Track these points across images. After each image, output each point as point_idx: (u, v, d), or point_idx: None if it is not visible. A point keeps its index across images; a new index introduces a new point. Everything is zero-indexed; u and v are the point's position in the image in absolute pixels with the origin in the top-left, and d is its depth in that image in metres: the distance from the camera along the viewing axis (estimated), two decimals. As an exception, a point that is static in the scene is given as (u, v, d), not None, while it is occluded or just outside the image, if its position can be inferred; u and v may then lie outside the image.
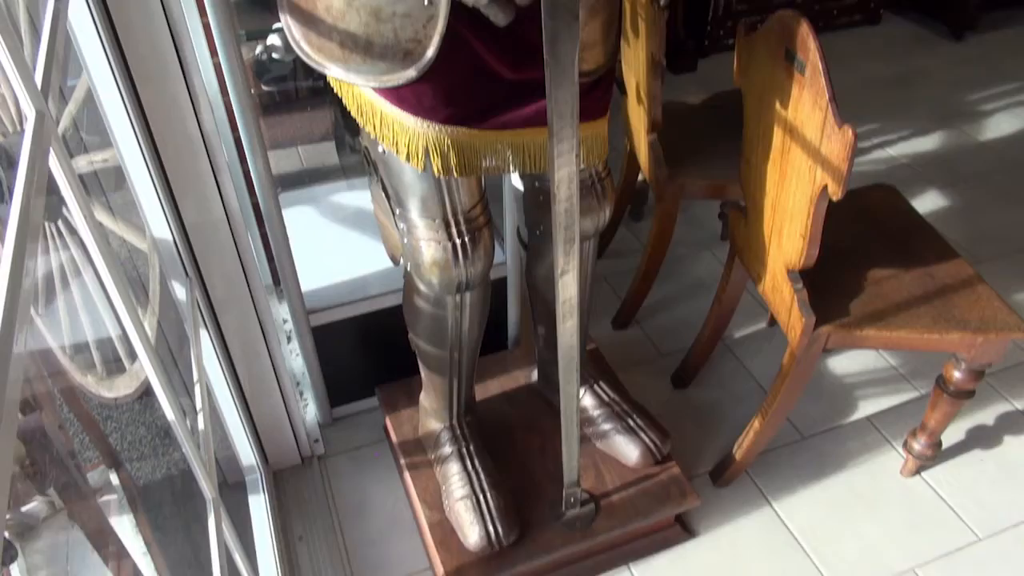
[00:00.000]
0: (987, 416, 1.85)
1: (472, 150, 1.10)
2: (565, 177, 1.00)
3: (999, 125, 2.88)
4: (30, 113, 0.64)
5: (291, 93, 2.24)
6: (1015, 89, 3.08)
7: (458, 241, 1.20)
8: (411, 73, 1.01)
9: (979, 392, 1.55)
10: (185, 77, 1.28)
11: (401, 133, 1.07)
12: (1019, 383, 1.92)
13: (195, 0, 1.66)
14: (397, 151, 1.09)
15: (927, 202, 2.50)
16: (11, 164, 1.52)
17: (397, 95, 1.04)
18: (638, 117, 1.84)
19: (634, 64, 1.78)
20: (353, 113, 1.11)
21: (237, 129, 1.71)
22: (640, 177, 2.06)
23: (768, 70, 1.31)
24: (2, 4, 0.82)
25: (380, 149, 1.13)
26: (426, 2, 0.95)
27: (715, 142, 1.88)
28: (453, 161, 1.09)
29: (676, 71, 3.18)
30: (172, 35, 1.23)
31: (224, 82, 1.62)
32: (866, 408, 1.87)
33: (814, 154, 1.21)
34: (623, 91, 1.93)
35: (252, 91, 1.53)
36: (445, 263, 1.21)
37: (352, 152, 2.18)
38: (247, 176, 1.84)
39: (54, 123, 0.69)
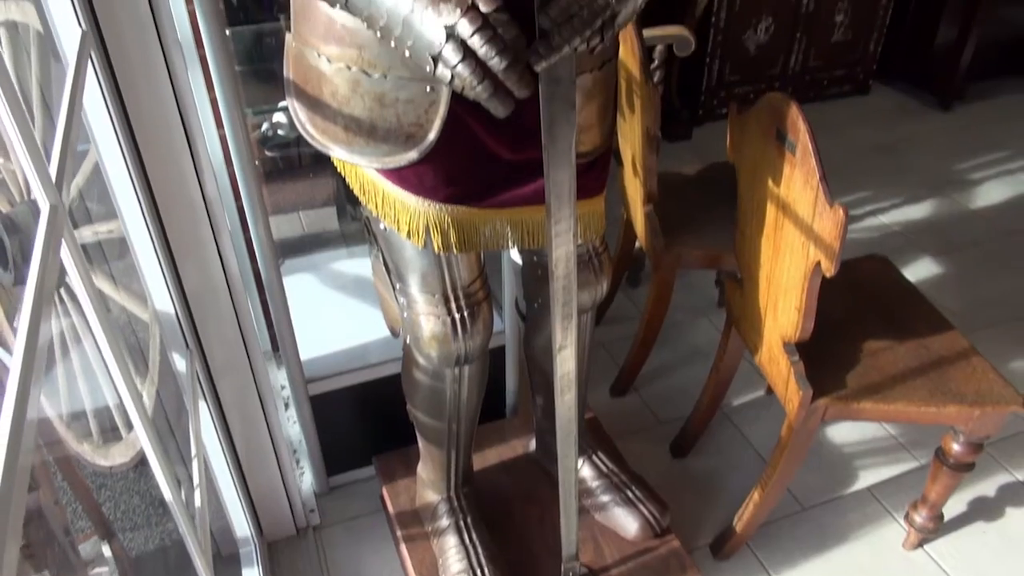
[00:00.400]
0: (988, 487, 1.83)
1: (472, 227, 1.13)
2: (563, 256, 1.02)
3: (989, 193, 2.94)
4: (44, 206, 0.66)
5: (294, 160, 2.28)
6: (1004, 157, 3.15)
7: (457, 316, 1.21)
8: (413, 155, 1.03)
9: (980, 463, 1.55)
10: (191, 148, 1.32)
11: (402, 211, 1.09)
12: (1020, 453, 1.91)
13: (203, 76, 1.71)
14: (398, 228, 1.11)
15: (920, 270, 2.53)
16: (16, 231, 1.55)
17: (399, 175, 1.07)
18: (634, 188, 1.88)
19: (630, 137, 1.82)
20: (356, 191, 1.13)
21: (240, 197, 1.74)
22: (637, 244, 2.09)
23: (760, 148, 1.35)
24: (16, 88, 0.85)
25: (381, 226, 1.16)
26: (428, 89, 0.98)
27: (710, 212, 1.92)
28: (453, 238, 1.11)
29: (671, 139, 3.25)
30: (179, 109, 1.27)
31: (229, 153, 1.66)
32: (866, 478, 1.86)
33: (806, 231, 1.24)
34: (620, 162, 1.97)
35: (256, 161, 1.57)
36: (444, 337, 1.22)
37: (353, 220, 2.21)
38: (248, 243, 1.87)
39: (67, 215, 0.71)
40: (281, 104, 1.59)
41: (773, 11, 3.22)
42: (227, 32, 1.45)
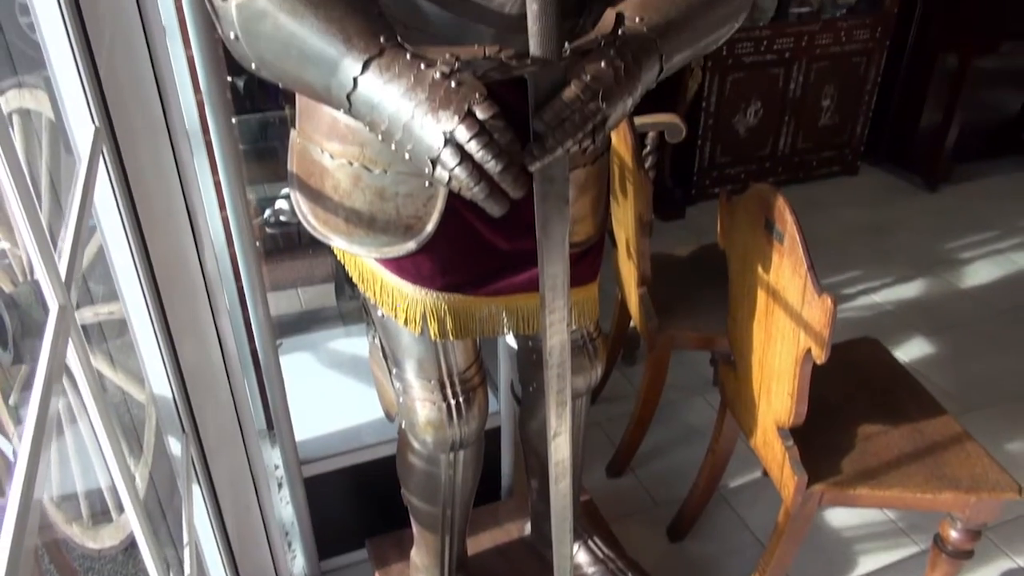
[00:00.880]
0: (990, 573, 1.81)
1: (468, 315, 1.15)
2: (557, 345, 1.04)
3: (978, 272, 2.98)
4: (53, 305, 0.68)
5: (293, 236, 2.32)
6: (991, 238, 3.21)
7: (453, 402, 1.22)
8: (411, 246, 1.06)
9: (980, 548, 1.53)
10: (193, 229, 1.35)
11: (400, 299, 1.12)
12: (1021, 539, 1.89)
13: (208, 160, 1.76)
14: (395, 316, 1.13)
15: (913, 349, 2.55)
16: (16, 310, 1.57)
17: (397, 265, 1.09)
18: (628, 270, 1.91)
19: (624, 221, 1.86)
20: (354, 279, 1.16)
21: (240, 277, 1.77)
22: (632, 323, 2.11)
23: (749, 235, 1.38)
24: (27, 175, 0.88)
25: (379, 313, 1.18)
26: (427, 183, 1.02)
27: (704, 294, 1.95)
28: (449, 325, 1.13)
29: (665, 218, 3.31)
30: (184, 193, 1.31)
31: (230, 234, 1.70)
32: (866, 564, 1.83)
33: (796, 318, 1.26)
34: (614, 243, 2.01)
35: (257, 242, 1.60)
36: (439, 423, 1.23)
37: (351, 298, 2.24)
38: (247, 322, 1.88)
39: (74, 314, 0.73)
40: (283, 191, 1.63)
41: (761, 96, 3.33)
42: (233, 120, 1.51)
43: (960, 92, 3.41)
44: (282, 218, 1.61)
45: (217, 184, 1.75)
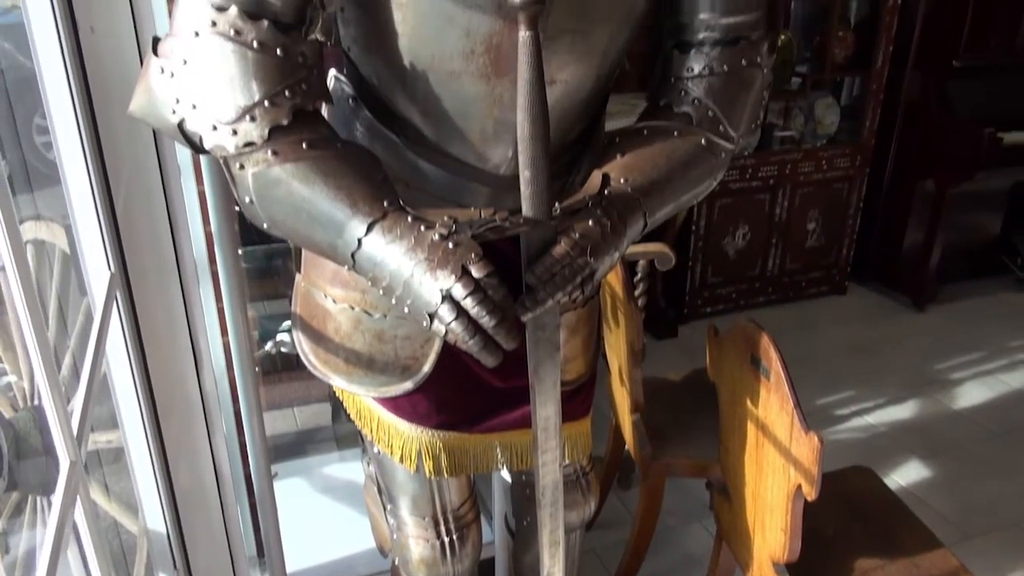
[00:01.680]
0: None
1: (462, 452, 1.17)
2: (550, 484, 1.06)
3: (970, 394, 3.01)
4: (64, 461, 0.71)
5: (291, 358, 2.35)
6: (981, 358, 3.26)
7: (446, 539, 1.22)
8: (408, 385, 1.10)
9: None
10: (195, 354, 1.38)
11: (396, 437, 1.14)
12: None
13: (212, 286, 1.82)
14: (391, 453, 1.16)
15: (910, 473, 2.54)
16: (14, 437, 1.58)
17: (394, 403, 1.13)
18: (622, 396, 1.94)
19: (616, 347, 1.91)
20: (352, 416, 1.19)
21: (237, 400, 1.79)
22: (626, 447, 2.12)
23: (737, 369, 1.42)
24: (40, 308, 0.92)
25: (375, 450, 1.20)
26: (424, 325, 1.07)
27: (698, 420, 1.96)
28: (444, 463, 1.16)
29: (658, 337, 3.37)
30: (188, 320, 1.35)
31: (231, 357, 1.73)
32: None
33: (786, 454, 1.28)
34: (607, 369, 2.05)
35: (256, 368, 1.63)
36: (433, 561, 1.22)
37: (348, 420, 2.25)
38: (242, 445, 1.89)
39: (84, 469, 0.76)
40: (285, 325, 1.68)
41: (748, 220, 3.45)
42: (240, 251, 1.57)
43: (940, 216, 3.54)
44: (283, 349, 1.65)
45: (220, 311, 1.80)
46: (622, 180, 0.99)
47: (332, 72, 1.07)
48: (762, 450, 1.38)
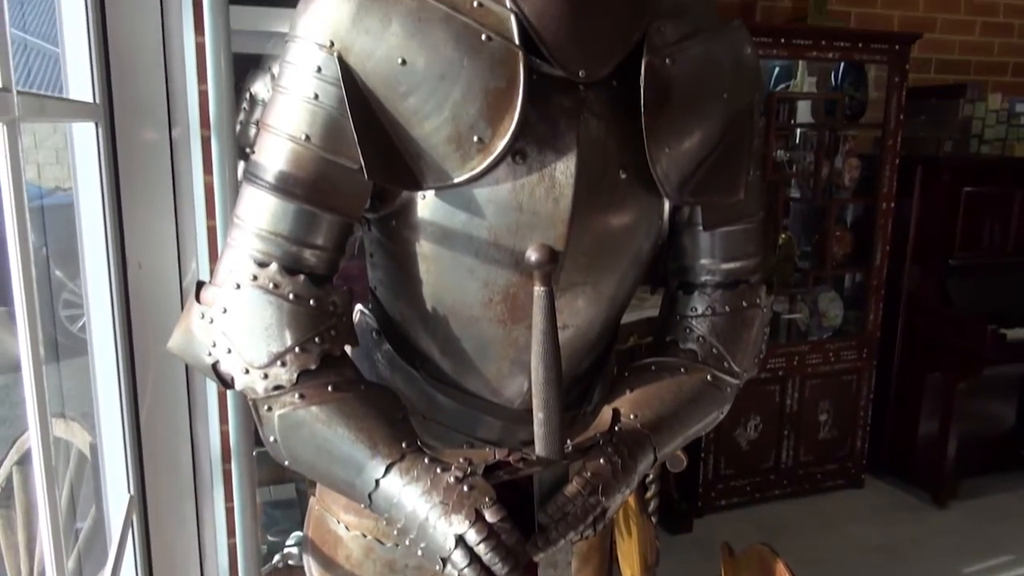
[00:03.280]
0: None
1: None
2: None
3: (1002, 602, 2.86)
4: None
5: (299, 570, 2.30)
6: (1009, 563, 3.12)
7: None
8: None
9: None
10: (201, 561, 1.36)
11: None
12: None
13: (223, 487, 1.82)
14: None
15: None
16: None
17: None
18: (635, 610, 1.87)
19: (628, 557, 1.86)
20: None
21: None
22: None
23: (754, 594, 1.38)
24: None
25: None
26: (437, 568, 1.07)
27: (714, 637, 1.87)
28: None
29: (672, 531, 3.27)
30: (198, 522, 1.35)
31: (235, 560, 1.70)
32: None
33: None
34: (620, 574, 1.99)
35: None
36: None
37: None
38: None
39: None
40: (294, 537, 1.68)
41: (760, 411, 3.45)
42: (254, 453, 1.59)
43: (952, 409, 3.53)
44: (290, 562, 1.63)
45: (230, 510, 1.80)
46: (632, 416, 1.02)
47: (358, 307, 1.14)
48: None
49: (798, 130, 3.60)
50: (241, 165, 1.53)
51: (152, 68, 1.65)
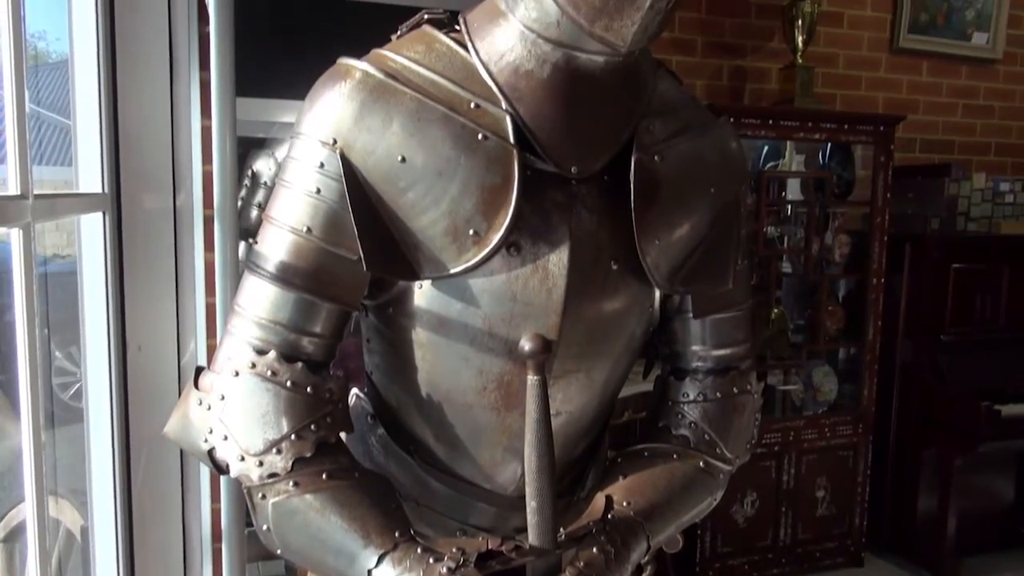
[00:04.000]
0: None
1: None
2: None
3: None
4: None
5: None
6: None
7: None
8: None
9: None
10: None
11: None
12: None
13: (212, 565, 1.79)
14: None
15: None
16: None
17: None
18: None
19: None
20: None
21: None
22: None
23: None
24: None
25: None
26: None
27: None
28: None
29: (670, 612, 3.19)
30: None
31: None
32: None
33: None
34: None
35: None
36: None
37: None
38: None
39: None
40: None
41: (756, 487, 3.42)
42: (245, 532, 1.57)
43: (950, 486, 3.50)
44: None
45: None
46: (625, 503, 1.02)
47: (354, 391, 1.15)
48: None
49: (789, 206, 3.68)
50: (242, 245, 1.57)
51: (160, 147, 1.70)
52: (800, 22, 3.42)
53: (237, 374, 0.93)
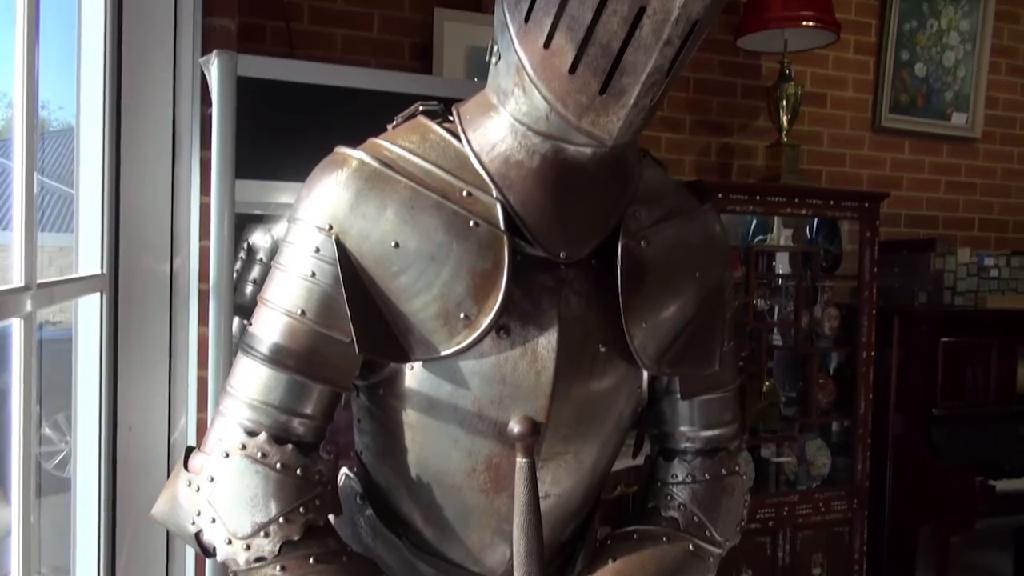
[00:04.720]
0: None
1: None
2: None
3: None
4: None
5: None
6: None
7: None
8: None
9: None
10: None
11: None
12: None
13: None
14: None
15: None
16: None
17: None
18: None
19: None
20: None
21: None
22: None
23: None
24: None
25: None
26: None
27: None
28: None
29: None
30: None
31: None
32: None
33: None
34: None
35: None
36: None
37: None
38: None
39: None
40: None
41: (751, 563, 3.36)
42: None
43: (947, 562, 3.45)
44: None
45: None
46: (613, 587, 1.02)
47: (343, 470, 1.15)
48: None
49: (778, 279, 3.72)
50: (236, 321, 1.58)
51: (159, 221, 1.73)
52: (785, 102, 3.53)
53: (227, 455, 0.93)
